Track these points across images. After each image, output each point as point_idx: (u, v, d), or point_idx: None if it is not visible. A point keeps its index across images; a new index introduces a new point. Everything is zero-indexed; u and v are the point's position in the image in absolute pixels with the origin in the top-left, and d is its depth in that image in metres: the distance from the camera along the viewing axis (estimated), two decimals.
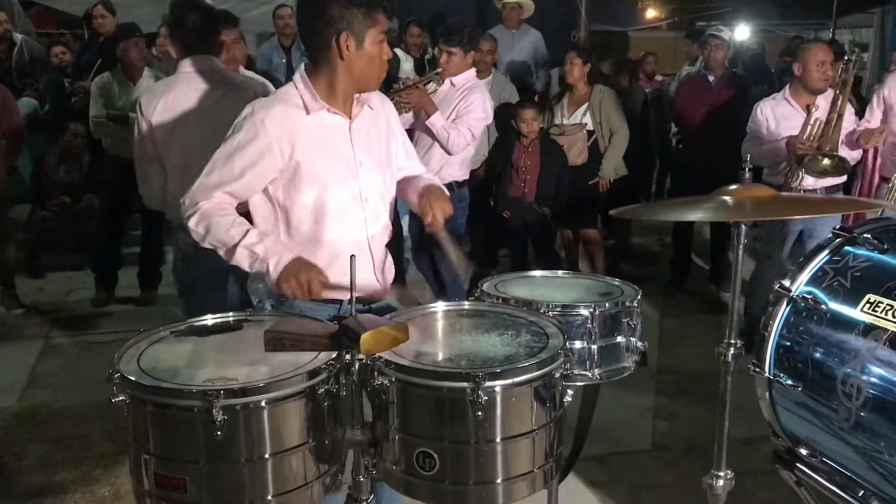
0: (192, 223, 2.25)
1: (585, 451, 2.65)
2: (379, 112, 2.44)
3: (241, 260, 2.21)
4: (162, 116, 3.11)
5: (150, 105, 3.14)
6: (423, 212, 2.38)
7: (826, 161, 4.16)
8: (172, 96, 3.13)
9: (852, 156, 4.42)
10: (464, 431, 1.83)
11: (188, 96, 3.12)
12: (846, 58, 4.28)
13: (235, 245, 2.20)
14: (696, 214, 2.37)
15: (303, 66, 2.34)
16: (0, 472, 3.49)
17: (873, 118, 4.59)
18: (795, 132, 4.36)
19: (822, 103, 4.37)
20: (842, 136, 4.31)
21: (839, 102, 4.22)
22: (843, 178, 4.44)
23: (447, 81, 4.52)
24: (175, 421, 1.74)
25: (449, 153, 4.39)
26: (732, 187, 2.25)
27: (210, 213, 2.23)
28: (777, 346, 2.39)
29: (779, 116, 4.52)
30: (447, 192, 2.46)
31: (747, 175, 2.31)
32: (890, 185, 4.20)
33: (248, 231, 2.21)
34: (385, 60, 2.29)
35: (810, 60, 4.37)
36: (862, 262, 2.31)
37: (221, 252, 2.25)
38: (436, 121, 4.30)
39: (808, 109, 4.36)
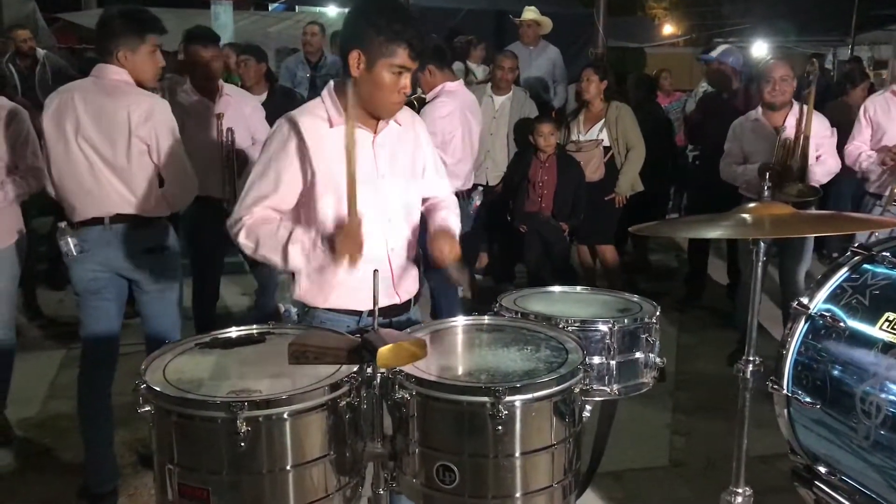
0: (241, 239, 2.29)
1: (602, 467, 2.65)
2: (408, 128, 2.47)
3: (295, 257, 2.23)
4: (53, 114, 3.16)
5: (49, 102, 3.19)
6: (432, 250, 2.40)
7: (799, 187, 4.19)
8: (68, 97, 3.18)
9: (829, 170, 4.41)
10: (483, 445, 1.84)
11: (76, 99, 3.16)
12: (806, 73, 4.26)
13: (285, 246, 2.23)
14: (715, 232, 2.38)
15: (332, 81, 2.39)
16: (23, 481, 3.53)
17: (860, 137, 4.57)
18: (762, 150, 4.44)
19: (792, 121, 4.35)
20: (814, 151, 4.28)
21: (804, 120, 4.20)
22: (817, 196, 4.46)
23: None
24: (199, 431, 1.77)
25: None
26: (751, 205, 2.26)
27: (255, 225, 2.28)
28: (795, 364, 2.39)
29: (747, 135, 4.60)
30: (456, 236, 2.48)
31: (766, 192, 2.32)
32: (882, 199, 4.20)
33: (292, 231, 2.25)
34: (401, 94, 2.27)
35: (764, 78, 4.48)
36: (881, 280, 2.31)
37: (274, 260, 2.27)
38: None
39: (776, 131, 4.38)
